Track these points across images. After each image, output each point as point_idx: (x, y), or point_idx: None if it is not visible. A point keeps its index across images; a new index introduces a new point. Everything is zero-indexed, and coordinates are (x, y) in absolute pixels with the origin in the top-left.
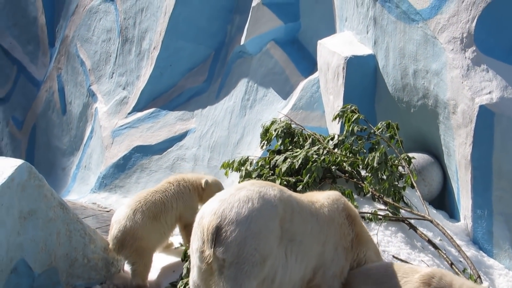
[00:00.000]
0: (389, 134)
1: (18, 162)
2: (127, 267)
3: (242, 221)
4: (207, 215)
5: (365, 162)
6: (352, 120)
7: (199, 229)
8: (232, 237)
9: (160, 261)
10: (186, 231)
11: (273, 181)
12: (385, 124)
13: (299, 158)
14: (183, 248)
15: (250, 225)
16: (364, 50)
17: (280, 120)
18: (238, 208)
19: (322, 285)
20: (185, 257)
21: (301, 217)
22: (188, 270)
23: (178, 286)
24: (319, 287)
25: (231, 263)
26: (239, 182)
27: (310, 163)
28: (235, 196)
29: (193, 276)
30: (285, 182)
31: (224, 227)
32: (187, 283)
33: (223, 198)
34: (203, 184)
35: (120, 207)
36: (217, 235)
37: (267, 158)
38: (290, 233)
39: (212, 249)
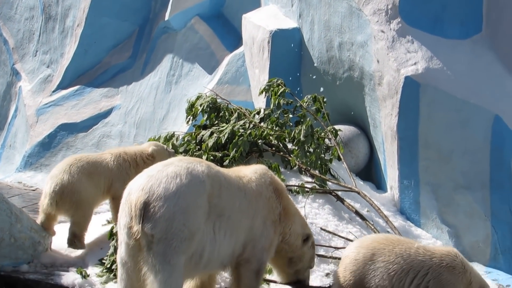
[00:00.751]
0: (315, 107)
1: None
2: (54, 245)
3: (170, 196)
4: (134, 191)
5: (292, 136)
6: (278, 93)
7: (127, 205)
8: (160, 213)
9: (87, 238)
10: (114, 204)
11: (200, 156)
12: (311, 98)
13: (226, 133)
14: (111, 225)
15: (179, 201)
16: (289, 23)
17: (206, 95)
18: (166, 184)
19: (251, 259)
20: (112, 235)
21: (229, 192)
22: (115, 247)
23: (105, 264)
24: (248, 261)
25: (159, 239)
26: None
27: (237, 137)
28: (163, 172)
29: (121, 253)
30: (211, 157)
31: (152, 202)
32: (114, 261)
33: (151, 174)
34: (149, 151)
35: (57, 165)
36: (145, 211)
37: (193, 133)
38: (218, 208)
39: (140, 225)
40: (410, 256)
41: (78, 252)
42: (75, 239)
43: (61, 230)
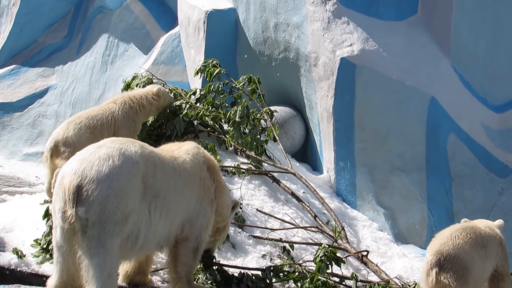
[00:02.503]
0: (251, 88)
1: None
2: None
3: (103, 179)
4: (67, 174)
5: (227, 116)
6: (214, 74)
7: (61, 189)
8: (93, 196)
9: (23, 218)
10: None
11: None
12: (246, 78)
13: (162, 113)
14: (46, 205)
15: (111, 183)
16: (225, 4)
17: (142, 75)
18: (98, 166)
19: (190, 237)
20: (46, 215)
21: (164, 172)
22: (51, 228)
23: (41, 244)
24: (186, 239)
25: (93, 222)
26: None
27: (172, 118)
28: (95, 154)
29: (56, 237)
30: (147, 137)
31: (85, 186)
32: (50, 241)
33: (83, 157)
34: (155, 91)
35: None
36: (78, 195)
37: None
38: (153, 189)
39: (74, 209)
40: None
41: (14, 232)
42: None
43: None
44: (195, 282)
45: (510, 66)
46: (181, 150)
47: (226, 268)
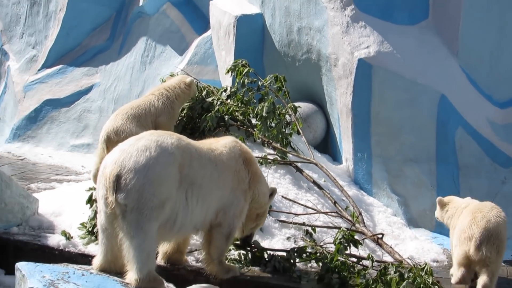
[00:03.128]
0: (276, 86)
1: None
2: (41, 210)
3: (140, 169)
4: (109, 164)
5: (255, 112)
6: (243, 73)
7: (103, 178)
8: (131, 184)
9: (70, 204)
10: None
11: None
12: (273, 77)
13: (195, 110)
14: (90, 192)
15: (148, 173)
16: (253, 9)
17: (177, 74)
18: (136, 157)
19: (223, 224)
20: (90, 201)
21: (200, 162)
22: (95, 212)
23: (87, 227)
24: (220, 225)
25: (132, 208)
26: None
27: (205, 113)
28: (134, 146)
29: (101, 220)
30: (182, 131)
31: (123, 175)
32: (94, 224)
33: (123, 148)
34: (188, 82)
35: None
36: (117, 183)
37: None
38: (190, 177)
39: (114, 196)
40: None
41: (62, 217)
42: None
43: (46, 197)
44: (226, 262)
45: None
46: (219, 143)
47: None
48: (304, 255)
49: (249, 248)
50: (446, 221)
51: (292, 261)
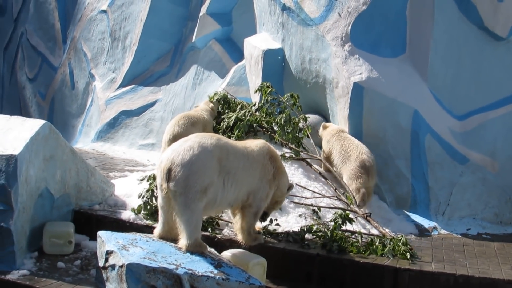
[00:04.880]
0: (292, 102)
1: (42, 122)
2: (117, 192)
3: (185, 164)
4: (163, 160)
5: (276, 121)
6: (267, 92)
7: (159, 170)
8: (179, 175)
9: (138, 188)
10: None
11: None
12: (289, 95)
13: (232, 119)
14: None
15: (191, 166)
16: (276, 45)
17: (220, 92)
18: (183, 155)
19: (252, 204)
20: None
21: (235, 156)
22: (151, 195)
23: (143, 196)
24: (250, 205)
25: (180, 193)
26: None
27: (239, 122)
28: (182, 146)
29: (159, 201)
30: (223, 135)
31: (173, 168)
32: (150, 204)
33: (174, 148)
34: (211, 108)
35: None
36: (169, 174)
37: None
38: (227, 167)
39: (167, 184)
40: None
41: (131, 197)
42: None
43: (120, 183)
44: (253, 233)
45: (468, 89)
46: (252, 143)
47: (274, 227)
48: (311, 230)
49: (269, 223)
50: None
51: (302, 235)
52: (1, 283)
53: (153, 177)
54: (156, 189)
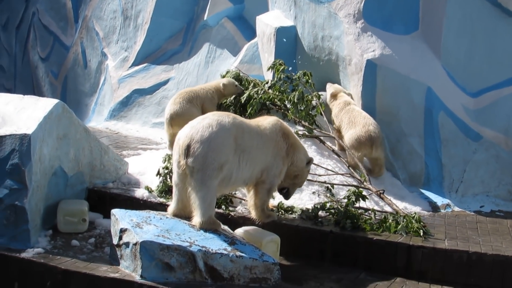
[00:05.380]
0: (305, 79)
1: (55, 101)
2: (130, 171)
3: (204, 140)
4: (182, 137)
5: (289, 98)
6: (280, 70)
7: (177, 147)
8: (198, 152)
9: (151, 166)
10: None
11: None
12: (302, 73)
13: (244, 97)
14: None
15: (210, 143)
16: (288, 22)
17: (232, 70)
18: (202, 132)
19: (266, 181)
20: (158, 173)
21: (249, 135)
22: (166, 173)
23: (162, 185)
24: (264, 182)
25: (198, 169)
26: None
27: (252, 100)
28: (200, 123)
29: (175, 178)
30: (235, 112)
31: (192, 145)
32: (166, 183)
33: (193, 125)
34: (221, 86)
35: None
36: (188, 151)
37: None
38: (242, 146)
39: (185, 160)
40: None
41: (145, 175)
42: None
43: (134, 161)
44: (267, 210)
45: (481, 66)
46: (265, 121)
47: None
48: (325, 208)
49: (285, 201)
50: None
51: (315, 212)
52: (16, 261)
53: (170, 156)
54: (169, 167)
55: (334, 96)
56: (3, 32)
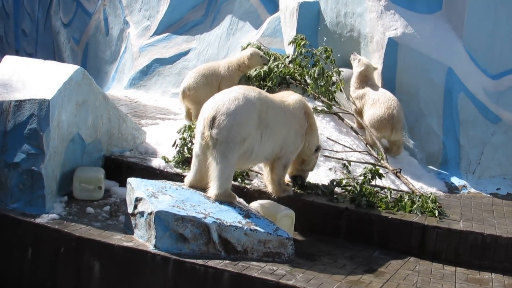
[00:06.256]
0: (325, 55)
1: (76, 67)
2: (148, 140)
3: (230, 113)
4: (207, 109)
5: (309, 74)
6: (301, 45)
7: (202, 118)
8: (223, 124)
9: (169, 136)
10: None
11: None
12: (323, 48)
13: (264, 69)
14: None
15: (236, 117)
16: None
17: (253, 43)
18: (228, 104)
19: (282, 157)
20: (174, 144)
21: (273, 110)
22: (183, 144)
23: (179, 155)
24: (280, 158)
25: (221, 141)
26: None
27: (272, 73)
28: (226, 96)
29: (196, 148)
30: (254, 85)
31: (218, 117)
32: (182, 153)
33: (219, 97)
34: (247, 57)
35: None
36: (213, 122)
37: None
38: (265, 121)
39: (210, 131)
40: None
41: (162, 145)
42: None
43: (152, 130)
44: (283, 185)
45: (503, 48)
46: (289, 98)
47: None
48: (341, 184)
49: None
50: None
51: (331, 189)
52: (31, 226)
53: (187, 127)
54: (190, 137)
55: (363, 77)
56: None
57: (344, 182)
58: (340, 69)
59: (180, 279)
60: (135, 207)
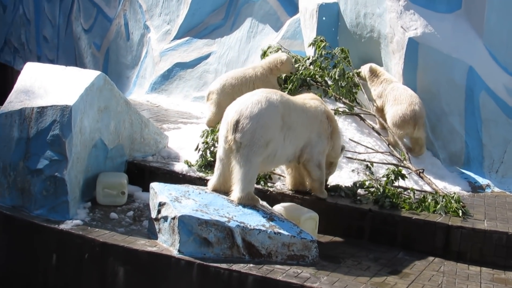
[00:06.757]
0: (343, 55)
1: (97, 73)
2: (170, 144)
3: (254, 117)
4: (230, 112)
5: (330, 75)
6: (321, 46)
7: (226, 122)
8: (247, 128)
9: (191, 140)
10: None
11: None
12: (340, 49)
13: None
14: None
15: (259, 120)
16: None
17: (273, 46)
18: (251, 108)
19: (311, 158)
20: (197, 148)
21: (296, 113)
22: (206, 148)
23: (202, 160)
24: (310, 160)
25: (245, 145)
26: None
27: (293, 75)
28: (249, 99)
29: (219, 152)
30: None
31: (241, 120)
32: (205, 157)
33: (242, 101)
34: (280, 61)
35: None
36: (236, 126)
37: None
38: (288, 124)
39: (233, 135)
40: None
41: (185, 149)
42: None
43: (174, 135)
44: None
45: None
46: (310, 100)
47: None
48: (364, 186)
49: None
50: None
51: (354, 190)
52: (55, 232)
53: (209, 131)
54: (212, 141)
55: (374, 73)
56: (47, 3)
57: (367, 183)
58: (358, 70)
59: (205, 283)
60: (159, 212)
